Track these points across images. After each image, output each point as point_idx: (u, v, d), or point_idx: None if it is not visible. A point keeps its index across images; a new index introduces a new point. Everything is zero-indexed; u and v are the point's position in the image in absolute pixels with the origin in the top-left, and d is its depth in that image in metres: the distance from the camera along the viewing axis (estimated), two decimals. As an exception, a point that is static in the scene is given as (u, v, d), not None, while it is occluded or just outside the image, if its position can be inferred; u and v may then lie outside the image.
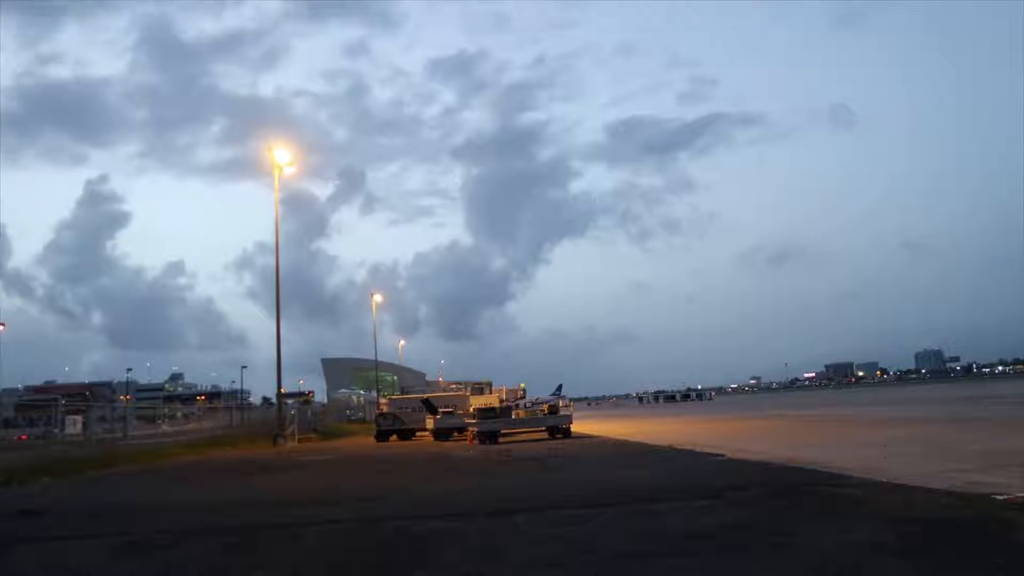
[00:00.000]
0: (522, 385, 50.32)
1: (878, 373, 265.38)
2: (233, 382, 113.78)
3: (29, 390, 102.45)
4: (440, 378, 67.12)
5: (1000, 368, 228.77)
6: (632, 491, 10.02)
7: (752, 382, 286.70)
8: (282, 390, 35.60)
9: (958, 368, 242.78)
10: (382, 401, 43.99)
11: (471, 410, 30.04)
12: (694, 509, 8.06)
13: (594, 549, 6.21)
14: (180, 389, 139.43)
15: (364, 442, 31.20)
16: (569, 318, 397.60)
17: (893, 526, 6.54)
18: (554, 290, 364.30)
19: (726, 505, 8.20)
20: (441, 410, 31.24)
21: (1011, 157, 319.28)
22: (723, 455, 14.69)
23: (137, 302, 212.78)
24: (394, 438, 31.96)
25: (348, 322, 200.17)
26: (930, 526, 6.52)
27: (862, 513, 7.27)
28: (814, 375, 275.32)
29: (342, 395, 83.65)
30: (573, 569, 5.61)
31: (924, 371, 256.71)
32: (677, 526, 7.16)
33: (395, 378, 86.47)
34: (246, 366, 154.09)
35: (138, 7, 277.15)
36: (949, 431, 18.70)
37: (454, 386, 45.09)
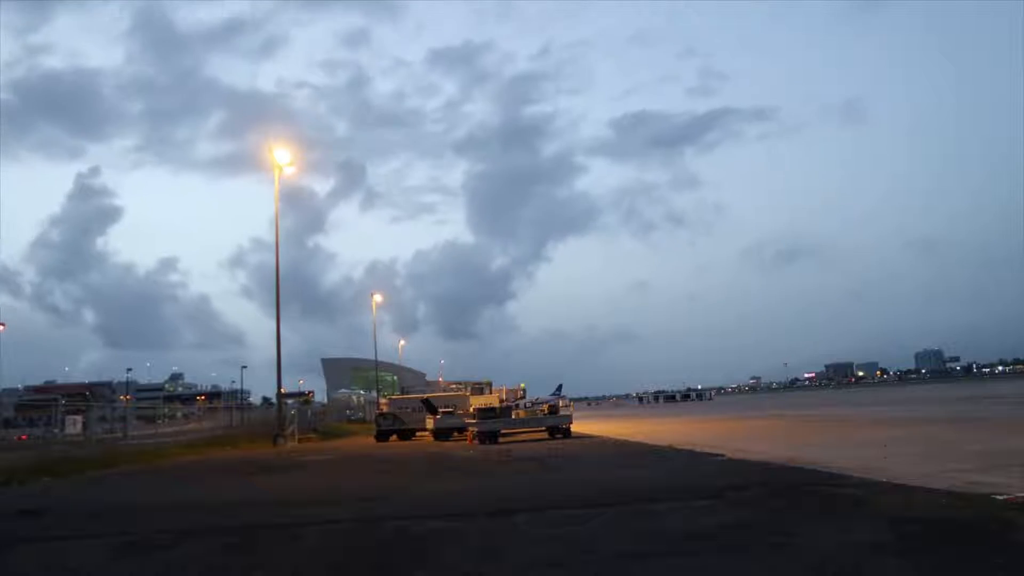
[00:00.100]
0: (522, 385, 50.40)
1: (878, 373, 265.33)
2: (233, 382, 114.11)
3: (29, 390, 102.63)
4: (440, 378, 67.28)
5: (1000, 368, 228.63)
6: (632, 491, 10.02)
7: (752, 382, 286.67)
8: (282, 390, 35.65)
9: (958, 368, 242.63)
10: (382, 401, 43.98)
11: (471, 410, 30.07)
12: (694, 509, 8.07)
13: (594, 549, 6.22)
14: (180, 389, 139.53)
15: (364, 442, 31.20)
16: (569, 318, 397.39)
17: (893, 526, 6.54)
18: (554, 289, 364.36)
19: (726, 505, 8.20)
20: (441, 410, 31.24)
21: (1012, 156, 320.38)
22: (723, 455, 14.70)
23: (131, 300, 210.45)
24: (394, 438, 31.95)
25: (347, 321, 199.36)
26: (930, 526, 6.52)
27: (862, 513, 7.28)
28: (814, 375, 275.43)
29: (342, 395, 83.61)
30: (573, 569, 5.61)
31: (924, 371, 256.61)
32: (677, 526, 7.16)
33: (395, 378, 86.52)
34: (246, 366, 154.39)
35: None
36: (949, 431, 18.70)
37: (454, 386, 45.11)
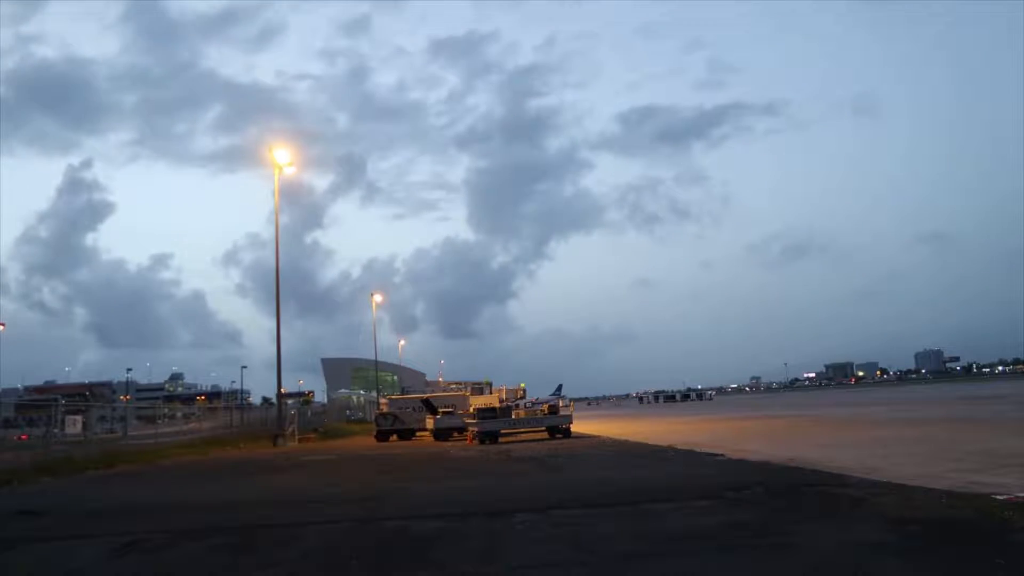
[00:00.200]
0: (522, 385, 50.47)
1: (878, 373, 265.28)
2: (233, 382, 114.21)
3: (29, 390, 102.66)
4: (440, 378, 67.24)
5: (1000, 368, 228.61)
6: (632, 491, 10.02)
7: (752, 382, 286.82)
8: (282, 390, 35.65)
9: (958, 368, 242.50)
10: (382, 401, 43.97)
11: (471, 410, 30.08)
12: (694, 509, 8.07)
13: (594, 549, 6.22)
14: (180, 389, 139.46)
15: (364, 442, 31.19)
16: (570, 317, 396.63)
17: (893, 526, 6.54)
18: (555, 288, 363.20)
19: (726, 505, 8.21)
20: (441, 410, 31.24)
21: (1013, 154, 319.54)
22: (723, 455, 14.71)
23: (125, 298, 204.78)
24: (394, 438, 31.95)
25: (347, 320, 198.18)
26: (930, 526, 6.52)
27: (862, 513, 7.28)
28: (814, 375, 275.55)
29: (342, 395, 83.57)
30: (573, 569, 5.61)
31: (924, 371, 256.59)
32: (677, 526, 7.16)
33: (395, 378, 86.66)
34: (246, 366, 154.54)
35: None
36: (949, 431, 18.69)
37: (454, 386, 45.14)
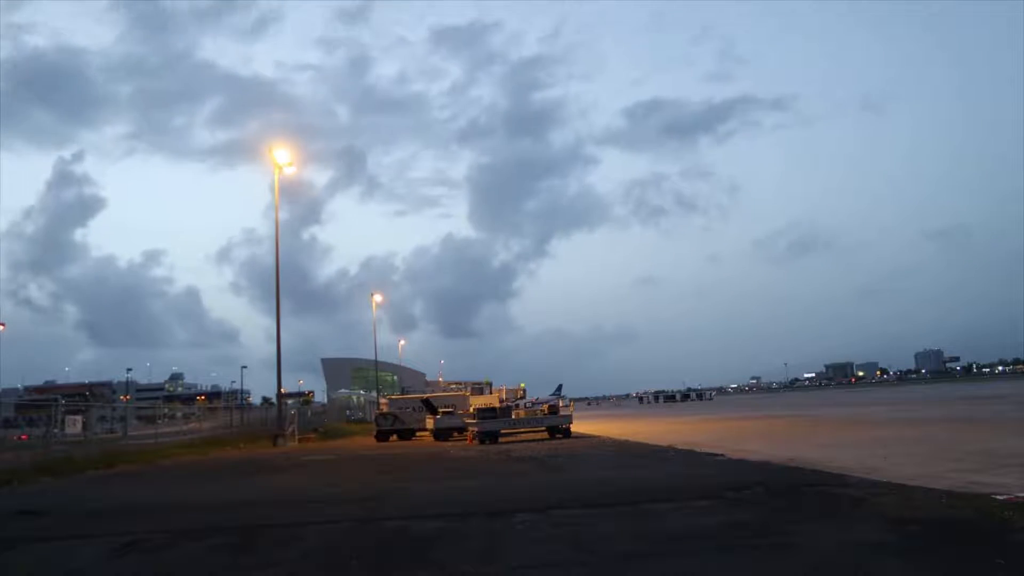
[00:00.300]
0: (522, 385, 50.47)
1: (878, 373, 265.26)
2: (233, 382, 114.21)
3: (29, 390, 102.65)
4: (440, 378, 67.26)
5: (1000, 368, 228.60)
6: (632, 491, 10.02)
7: (752, 382, 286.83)
8: (282, 390, 35.66)
9: (958, 368, 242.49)
10: (382, 401, 43.98)
11: (471, 410, 30.08)
12: (694, 509, 8.07)
13: (594, 549, 6.22)
14: (180, 389, 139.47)
15: (364, 442, 31.19)
16: (570, 317, 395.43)
17: (893, 526, 6.54)
18: (556, 288, 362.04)
19: (726, 505, 8.21)
20: (441, 410, 31.24)
21: (1013, 152, 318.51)
22: (723, 455, 14.72)
23: (118, 296, 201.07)
24: (394, 438, 31.95)
25: (346, 319, 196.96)
26: (930, 526, 6.52)
27: (862, 513, 7.28)
28: (814, 375, 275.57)
29: (342, 395, 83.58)
30: (573, 569, 5.61)
31: (924, 371, 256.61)
32: (677, 526, 7.16)
33: (395, 378, 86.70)
34: (246, 366, 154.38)
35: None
36: (949, 431, 18.69)
37: (454, 386, 45.16)
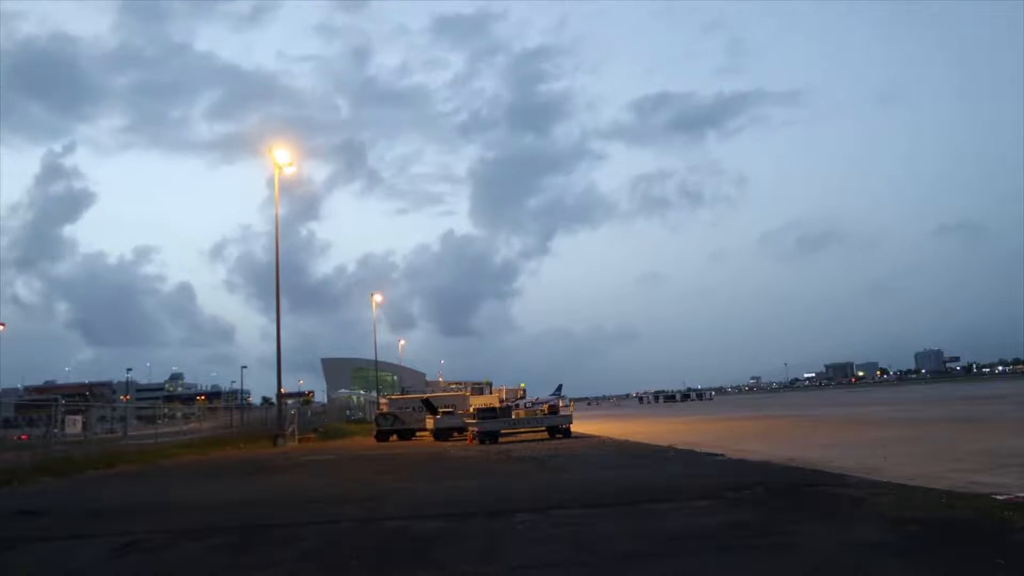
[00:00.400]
0: (522, 385, 50.52)
1: (878, 373, 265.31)
2: (233, 382, 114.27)
3: (29, 390, 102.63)
4: (440, 378, 67.25)
5: (1000, 368, 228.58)
6: (632, 491, 10.02)
7: (752, 382, 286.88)
8: (282, 390, 35.66)
9: (958, 368, 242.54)
10: (382, 401, 43.98)
11: (471, 410, 30.07)
12: (694, 509, 8.07)
13: (594, 549, 6.22)
14: (180, 389, 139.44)
15: (364, 442, 31.18)
16: (571, 317, 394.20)
17: (893, 526, 6.54)
18: (557, 288, 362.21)
19: (726, 505, 8.21)
20: (441, 410, 31.24)
21: (1014, 150, 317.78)
22: (723, 455, 14.72)
23: (110, 294, 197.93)
24: (394, 438, 31.94)
25: (345, 318, 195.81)
26: (930, 526, 6.52)
27: (862, 513, 7.28)
28: (814, 375, 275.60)
29: (342, 395, 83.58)
30: (573, 569, 5.61)
31: (924, 371, 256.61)
32: (677, 526, 7.16)
33: (395, 378, 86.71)
34: (246, 366, 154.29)
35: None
36: (949, 431, 18.69)
37: (454, 386, 45.15)
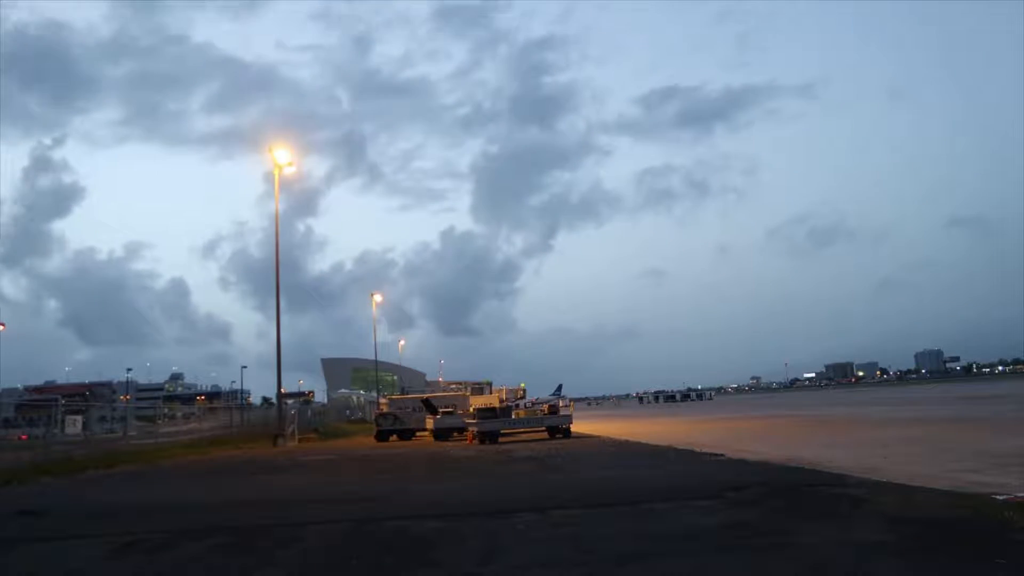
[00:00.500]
0: (522, 385, 50.51)
1: (878, 373, 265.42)
2: (233, 382, 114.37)
3: (29, 390, 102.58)
4: (440, 378, 67.24)
5: (1000, 368, 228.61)
6: (632, 491, 10.03)
7: (752, 382, 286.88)
8: (282, 390, 35.66)
9: (958, 368, 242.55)
10: (382, 401, 43.97)
11: (471, 410, 30.07)
12: (694, 509, 8.07)
13: (594, 549, 6.22)
14: (180, 389, 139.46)
15: (364, 442, 31.17)
16: (572, 316, 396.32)
17: (893, 526, 6.54)
18: (558, 287, 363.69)
19: (726, 505, 8.21)
20: (441, 410, 31.23)
21: (1015, 151, 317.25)
22: (723, 455, 14.71)
23: (101, 292, 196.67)
24: (394, 438, 31.91)
25: (344, 315, 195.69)
26: (930, 526, 6.52)
27: (862, 513, 7.28)
28: (814, 375, 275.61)
29: (342, 395, 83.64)
30: (573, 569, 5.60)
31: (924, 371, 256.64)
32: (677, 526, 7.16)
33: (395, 378, 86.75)
34: (246, 366, 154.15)
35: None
36: (949, 431, 18.70)
37: (454, 386, 45.12)
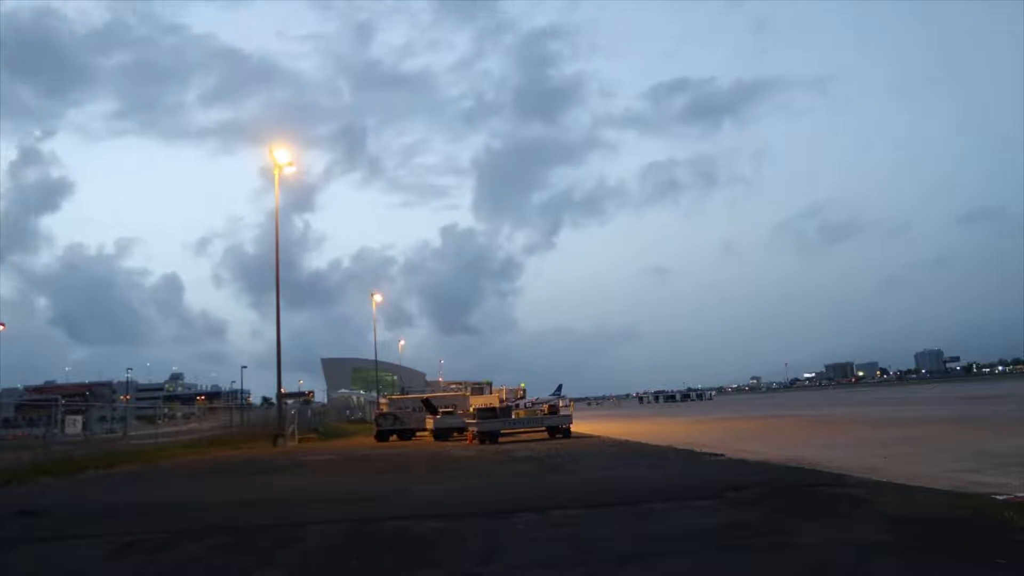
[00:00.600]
0: (522, 385, 50.52)
1: (878, 373, 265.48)
2: (233, 382, 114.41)
3: (29, 390, 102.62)
4: (440, 378, 67.25)
5: (1000, 368, 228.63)
6: (632, 491, 10.03)
7: (752, 382, 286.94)
8: (282, 390, 35.67)
9: (958, 368, 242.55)
10: (382, 401, 43.96)
11: (471, 410, 30.07)
12: (694, 509, 8.07)
13: (594, 549, 6.22)
14: (180, 389, 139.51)
15: (364, 442, 31.17)
16: (572, 316, 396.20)
17: (893, 526, 6.54)
18: (558, 287, 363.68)
19: (726, 505, 8.21)
20: (441, 410, 31.23)
21: (1016, 152, 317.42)
22: (723, 455, 14.71)
23: (93, 290, 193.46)
24: (394, 438, 31.91)
25: (343, 314, 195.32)
26: (930, 526, 6.53)
27: (862, 513, 7.28)
28: (814, 375, 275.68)
29: (342, 395, 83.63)
30: (573, 569, 5.60)
31: (924, 371, 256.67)
32: (677, 526, 7.16)
33: (395, 378, 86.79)
34: (246, 366, 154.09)
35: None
36: (949, 431, 18.70)
37: (454, 386, 45.14)
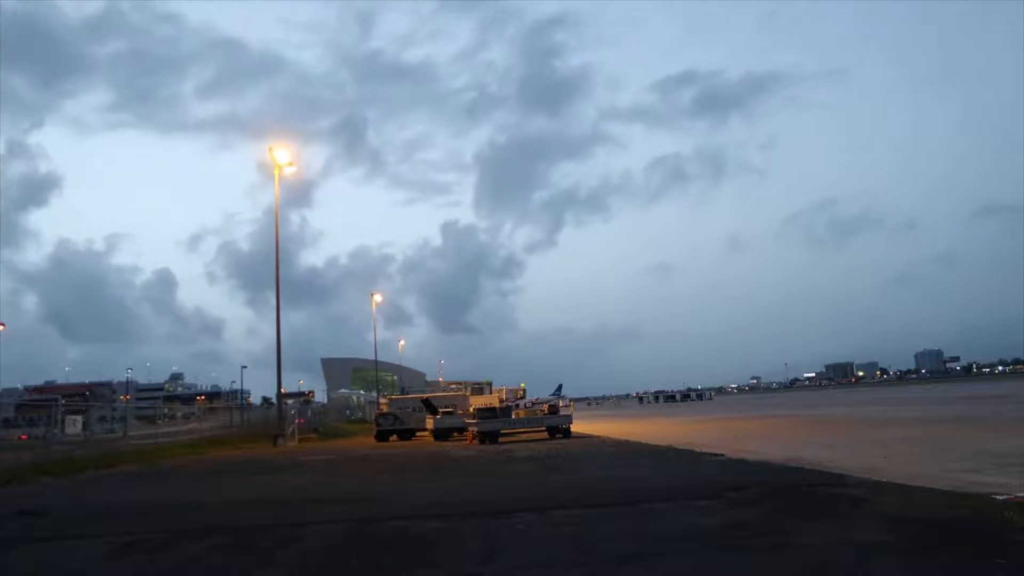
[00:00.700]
0: (522, 385, 50.40)
1: (878, 373, 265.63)
2: (233, 382, 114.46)
3: (29, 390, 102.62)
4: (440, 378, 67.23)
5: (1000, 368, 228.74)
6: (632, 491, 10.03)
7: (752, 382, 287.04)
8: (282, 390, 35.67)
9: (958, 368, 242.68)
10: (382, 401, 43.94)
11: (471, 410, 30.07)
12: (694, 509, 8.07)
13: (594, 549, 6.22)
14: (180, 389, 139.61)
15: (364, 442, 31.17)
16: (572, 316, 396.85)
17: (893, 526, 6.54)
18: (558, 287, 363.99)
19: (726, 505, 8.21)
20: (441, 410, 31.24)
21: (1017, 153, 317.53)
22: (723, 455, 14.72)
23: (88, 288, 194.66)
24: (394, 438, 31.91)
25: (342, 312, 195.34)
26: (930, 526, 6.53)
27: (862, 513, 7.28)
28: (814, 375, 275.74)
29: (342, 395, 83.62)
30: (573, 569, 5.60)
31: (924, 371, 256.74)
32: (677, 526, 7.16)
33: (395, 378, 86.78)
34: (246, 366, 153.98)
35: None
36: (949, 431, 18.70)
37: (454, 386, 45.12)
